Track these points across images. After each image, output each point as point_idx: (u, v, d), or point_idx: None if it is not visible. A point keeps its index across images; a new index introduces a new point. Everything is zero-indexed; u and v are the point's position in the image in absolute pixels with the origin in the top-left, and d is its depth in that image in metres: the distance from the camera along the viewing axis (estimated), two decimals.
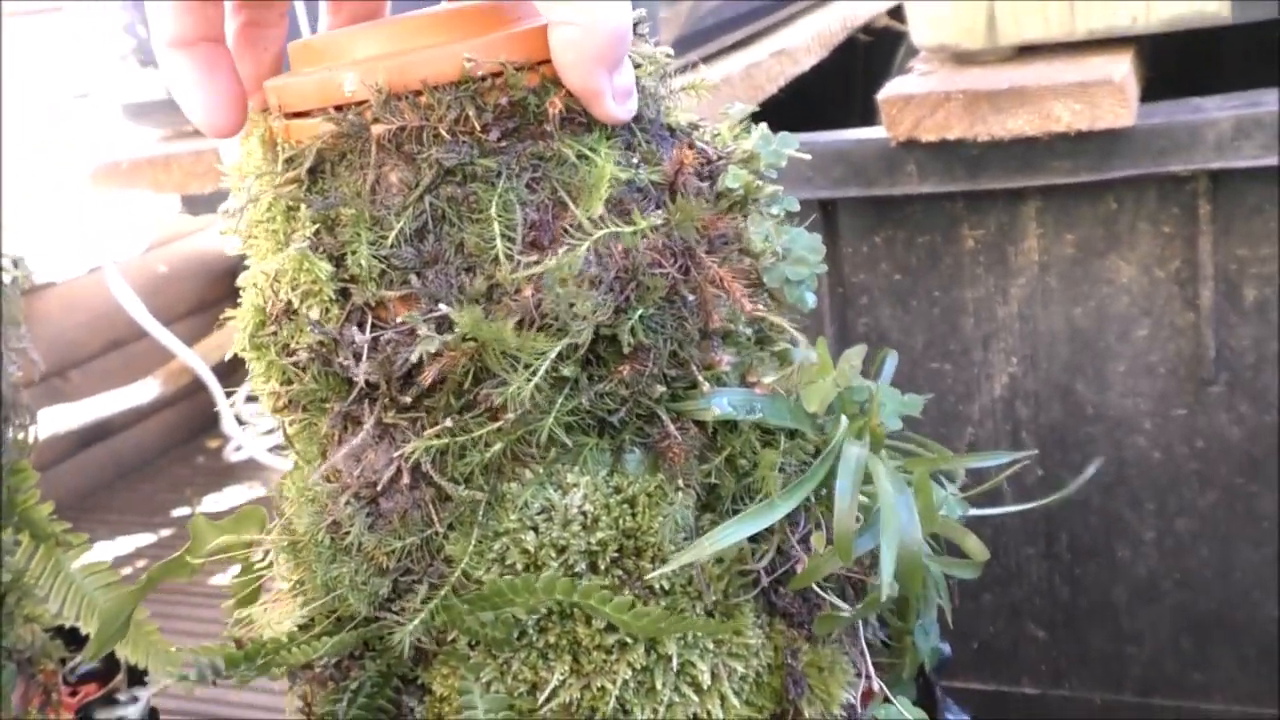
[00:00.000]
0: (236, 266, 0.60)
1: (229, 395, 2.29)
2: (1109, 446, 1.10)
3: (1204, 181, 0.98)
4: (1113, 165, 0.97)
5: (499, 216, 0.47)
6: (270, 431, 2.34)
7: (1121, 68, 0.92)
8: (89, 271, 2.24)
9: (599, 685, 0.49)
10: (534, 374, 0.46)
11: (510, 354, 0.46)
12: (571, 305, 0.45)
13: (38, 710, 0.77)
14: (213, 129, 0.53)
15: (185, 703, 1.48)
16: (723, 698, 0.51)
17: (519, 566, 0.49)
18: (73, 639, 0.86)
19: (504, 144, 0.48)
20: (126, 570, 1.95)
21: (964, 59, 1.02)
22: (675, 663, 0.50)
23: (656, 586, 0.50)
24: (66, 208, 2.13)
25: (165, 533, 2.12)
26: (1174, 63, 1.09)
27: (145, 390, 2.29)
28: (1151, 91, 1.04)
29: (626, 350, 0.48)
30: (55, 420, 2.09)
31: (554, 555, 0.49)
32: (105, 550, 2.00)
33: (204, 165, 1.21)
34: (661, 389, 0.50)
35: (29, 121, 2.18)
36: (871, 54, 1.66)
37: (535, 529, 0.49)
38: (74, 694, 0.86)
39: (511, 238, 0.47)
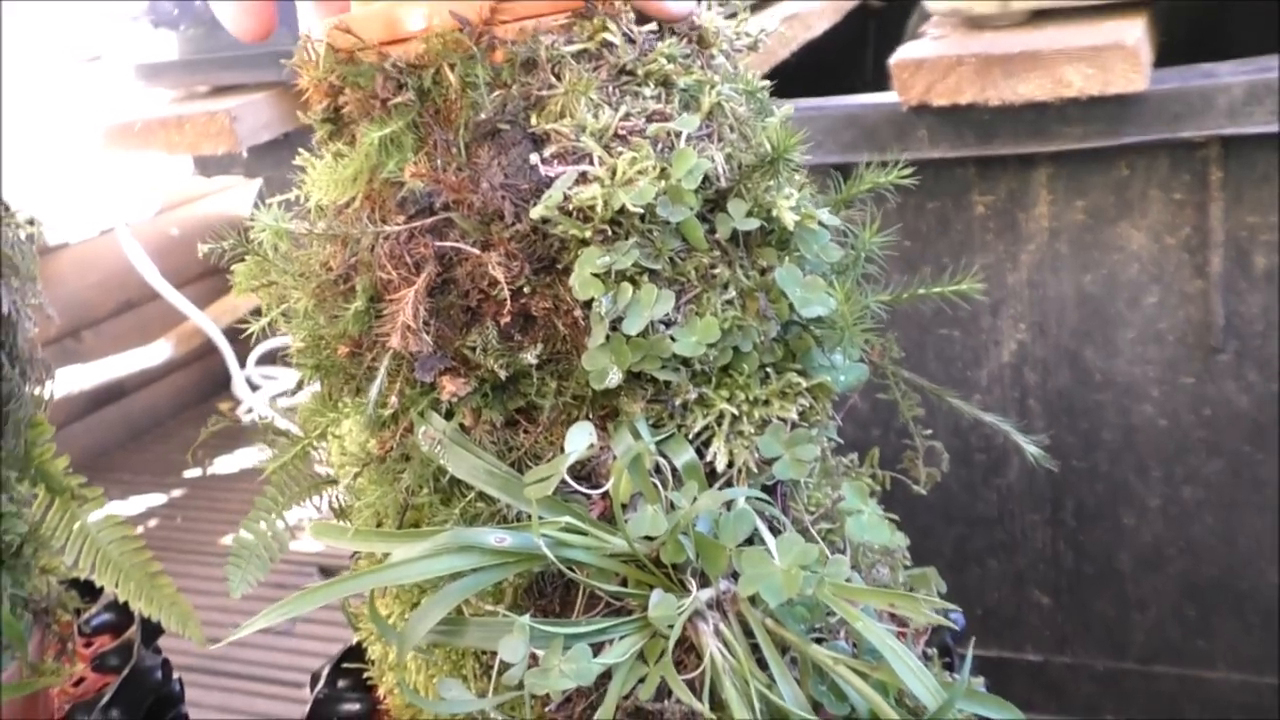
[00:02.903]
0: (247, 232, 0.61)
1: (240, 358, 2.31)
2: (1116, 413, 1.10)
3: (1216, 148, 0.98)
4: (1124, 131, 0.97)
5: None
6: (281, 394, 2.36)
7: (1134, 31, 0.92)
8: (101, 233, 2.25)
9: None
10: None
11: None
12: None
13: (54, 659, 0.78)
14: (243, 32, 0.58)
15: (196, 658, 1.50)
16: None
17: None
18: (87, 591, 0.87)
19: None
20: (139, 529, 1.97)
21: (977, 23, 1.02)
22: None
23: None
24: (80, 170, 2.14)
25: (177, 493, 2.14)
26: (1186, 28, 1.09)
27: (157, 352, 2.30)
28: (1165, 58, 1.03)
29: None
30: (68, 380, 2.11)
31: None
32: (118, 510, 2.02)
33: (217, 126, 1.21)
34: None
35: (43, 85, 2.18)
36: (885, 20, 1.65)
37: None
38: (88, 645, 0.87)
39: None
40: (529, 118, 0.52)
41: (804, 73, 1.22)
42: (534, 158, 0.51)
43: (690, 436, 0.52)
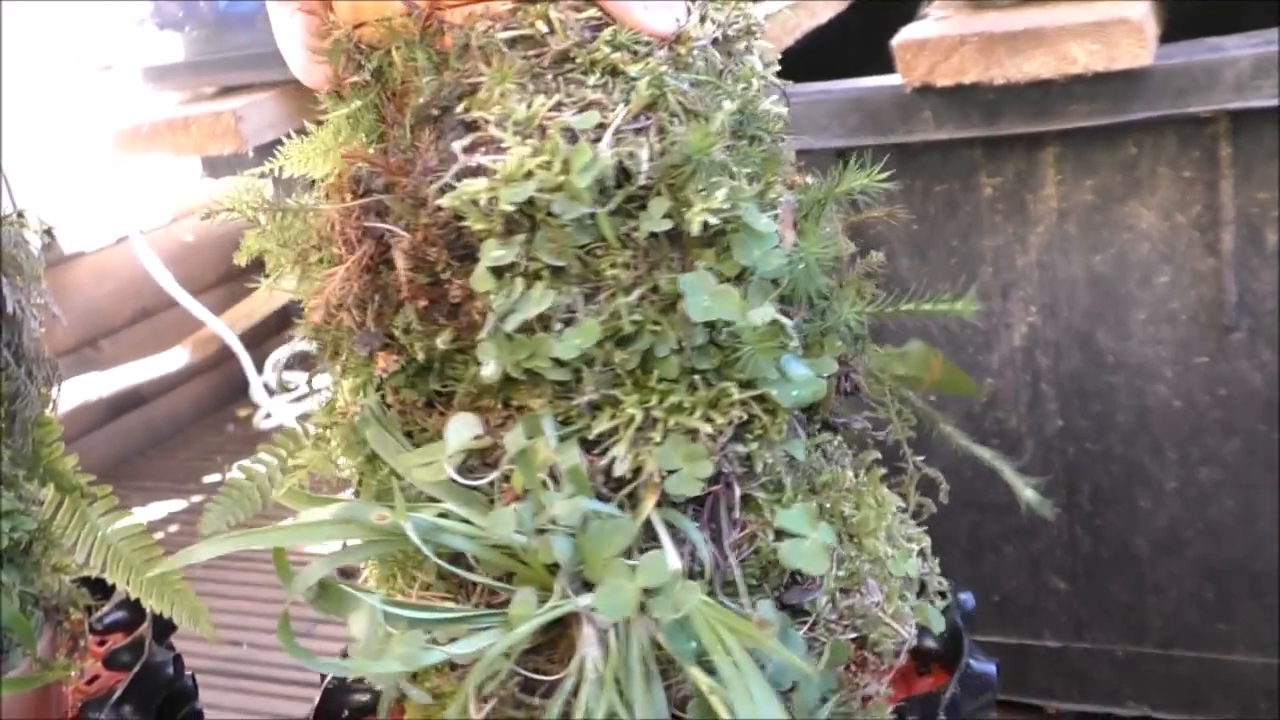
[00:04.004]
0: None
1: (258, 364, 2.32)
2: (1130, 395, 1.09)
3: (1224, 123, 0.97)
4: (1131, 107, 0.96)
5: None
6: (298, 399, 2.36)
7: (1140, 6, 0.91)
8: (117, 241, 2.27)
9: None
10: None
11: None
12: None
13: (65, 656, 0.79)
14: (314, 82, 0.59)
15: (213, 660, 1.51)
16: None
17: None
18: (99, 589, 0.88)
19: None
20: (159, 535, 1.98)
21: (980, 2, 1.01)
22: None
23: None
24: (94, 178, 2.15)
25: (197, 499, 2.15)
26: (1195, 3, 1.08)
27: (175, 359, 2.32)
28: (1174, 33, 1.02)
29: None
30: (88, 388, 2.12)
31: None
32: (138, 517, 2.03)
33: (223, 126, 1.22)
34: None
35: (53, 92, 2.20)
36: (890, 6, 1.64)
37: None
38: (101, 643, 0.88)
39: None
40: (462, 104, 0.53)
41: (811, 59, 1.22)
42: (456, 145, 0.51)
43: (592, 438, 0.52)
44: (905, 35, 0.99)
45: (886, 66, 1.05)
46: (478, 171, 0.51)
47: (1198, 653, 1.17)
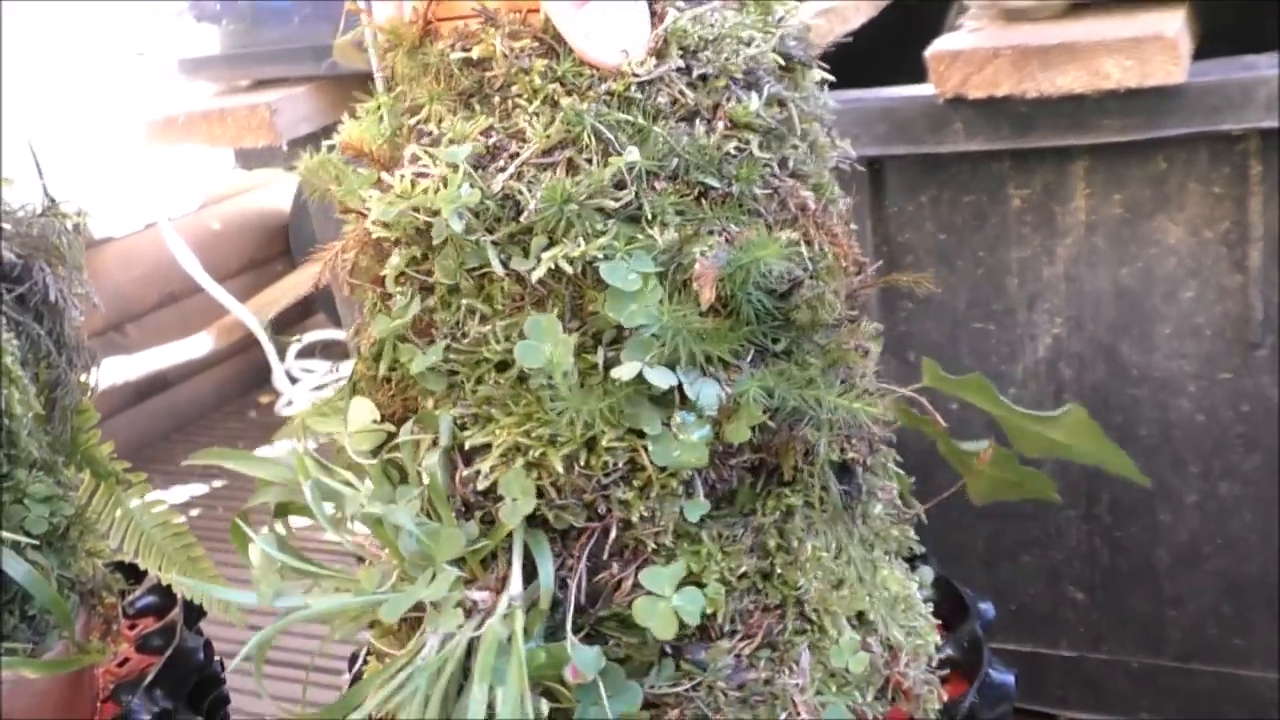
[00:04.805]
0: (287, 225, 0.70)
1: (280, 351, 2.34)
2: (1153, 408, 1.10)
3: (1255, 141, 0.97)
4: (1163, 123, 0.96)
5: None
6: (319, 387, 2.38)
7: (1174, 23, 0.91)
8: (145, 227, 2.29)
9: None
10: None
11: None
12: None
13: (98, 639, 0.80)
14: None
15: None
16: None
17: None
18: (131, 574, 0.89)
19: None
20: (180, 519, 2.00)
21: (1014, 15, 1.02)
22: None
23: None
24: (124, 165, 2.17)
25: (218, 484, 2.17)
26: (1231, 20, 1.08)
27: (199, 344, 2.34)
28: (1207, 50, 1.02)
29: None
30: (112, 372, 2.14)
31: None
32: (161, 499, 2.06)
33: (258, 119, 1.23)
34: None
35: (88, 80, 2.22)
36: (923, 13, 1.64)
37: None
38: (132, 627, 0.89)
39: None
40: (416, 117, 0.58)
41: (842, 66, 1.22)
42: (407, 153, 0.56)
43: (467, 448, 0.57)
44: (939, 46, 0.99)
45: (910, 79, 1.06)
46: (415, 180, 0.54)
47: (1215, 666, 1.17)
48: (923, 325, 1.15)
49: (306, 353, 2.41)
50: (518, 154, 0.54)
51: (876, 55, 1.40)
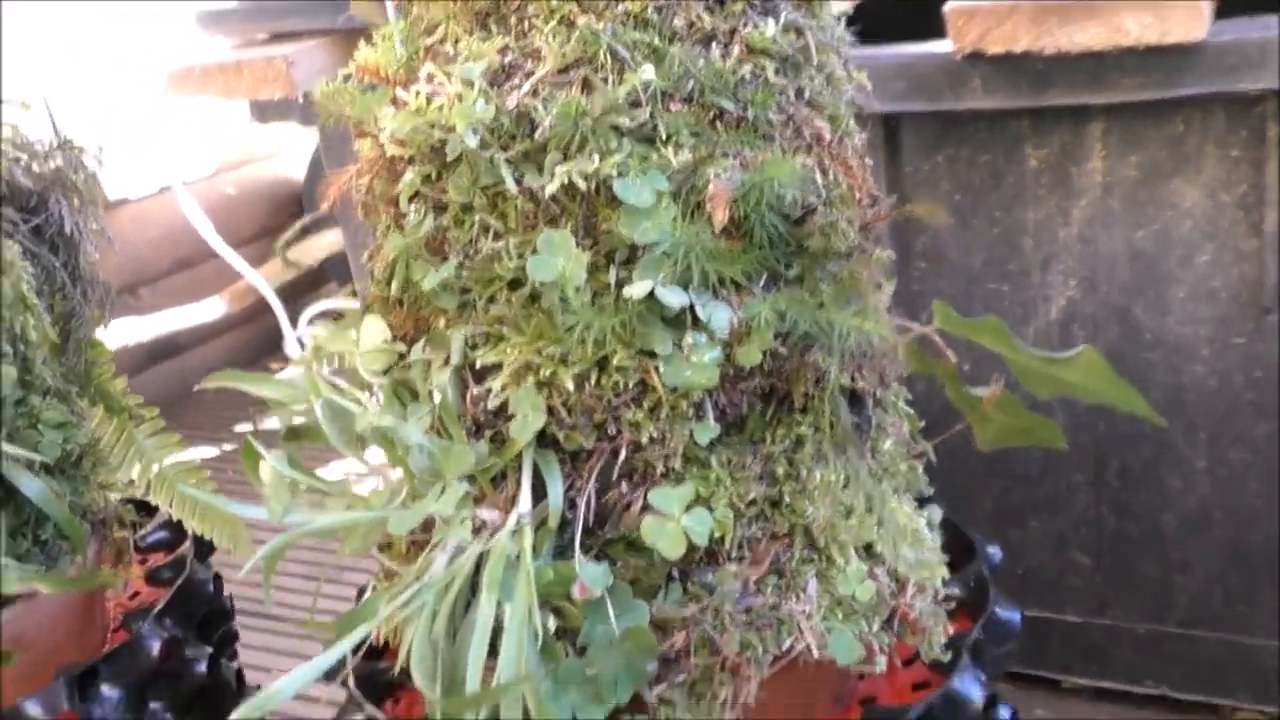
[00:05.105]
0: (301, 194, 0.71)
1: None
2: (1166, 373, 1.09)
3: (1273, 103, 0.97)
4: (1181, 82, 0.96)
5: None
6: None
7: None
8: (160, 191, 2.29)
9: None
10: None
11: None
12: None
13: (110, 567, 0.81)
14: None
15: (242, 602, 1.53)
16: None
17: None
18: (143, 510, 0.90)
19: None
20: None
21: None
22: None
23: None
24: (141, 127, 2.18)
25: (229, 447, 2.18)
26: None
27: (211, 309, 2.34)
28: (1225, 10, 1.02)
29: None
30: (125, 333, 2.15)
31: None
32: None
33: (274, 71, 1.23)
34: None
35: (106, 34, 2.22)
36: None
37: None
38: (143, 562, 0.90)
39: None
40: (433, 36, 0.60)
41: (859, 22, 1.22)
42: (422, 71, 0.57)
43: (478, 367, 0.57)
44: (958, 1, 0.99)
45: (925, 36, 1.05)
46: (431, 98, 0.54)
47: (1220, 634, 1.17)
48: (936, 285, 1.14)
49: (319, 319, 2.42)
50: (533, 72, 0.54)
51: (894, 14, 1.39)
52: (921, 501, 0.73)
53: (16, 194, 0.76)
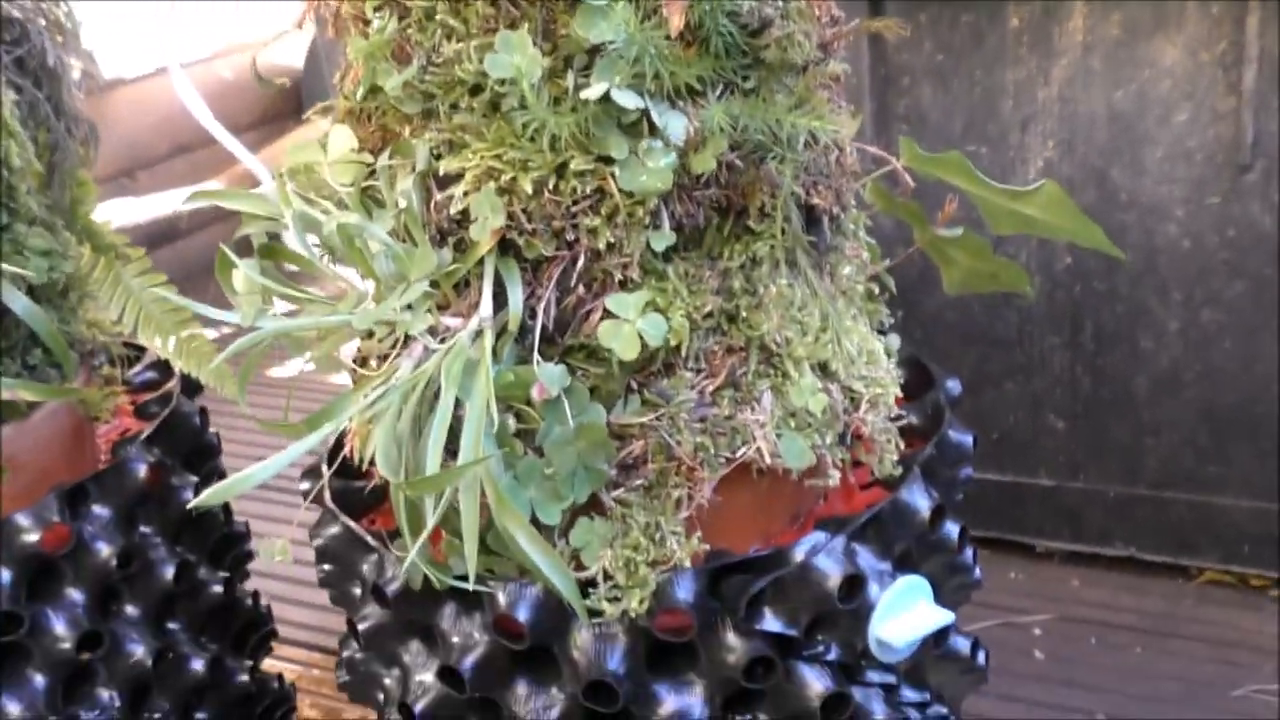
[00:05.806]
0: (299, 82, 0.71)
1: None
2: (1140, 234, 1.11)
3: None
4: None
5: None
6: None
7: None
8: (156, 71, 2.29)
9: None
10: None
11: None
12: None
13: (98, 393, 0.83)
14: None
15: None
16: None
17: None
18: (132, 349, 0.92)
19: None
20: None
21: None
22: None
23: None
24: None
25: (226, 330, 2.20)
26: None
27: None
28: None
29: None
30: (122, 213, 2.17)
31: None
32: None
33: None
34: None
35: None
36: None
37: None
38: (133, 402, 0.93)
39: None
40: None
41: None
42: None
43: (441, 174, 0.59)
44: None
45: None
46: None
47: (1189, 494, 1.19)
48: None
49: None
50: None
51: None
52: (882, 331, 0.75)
53: None
